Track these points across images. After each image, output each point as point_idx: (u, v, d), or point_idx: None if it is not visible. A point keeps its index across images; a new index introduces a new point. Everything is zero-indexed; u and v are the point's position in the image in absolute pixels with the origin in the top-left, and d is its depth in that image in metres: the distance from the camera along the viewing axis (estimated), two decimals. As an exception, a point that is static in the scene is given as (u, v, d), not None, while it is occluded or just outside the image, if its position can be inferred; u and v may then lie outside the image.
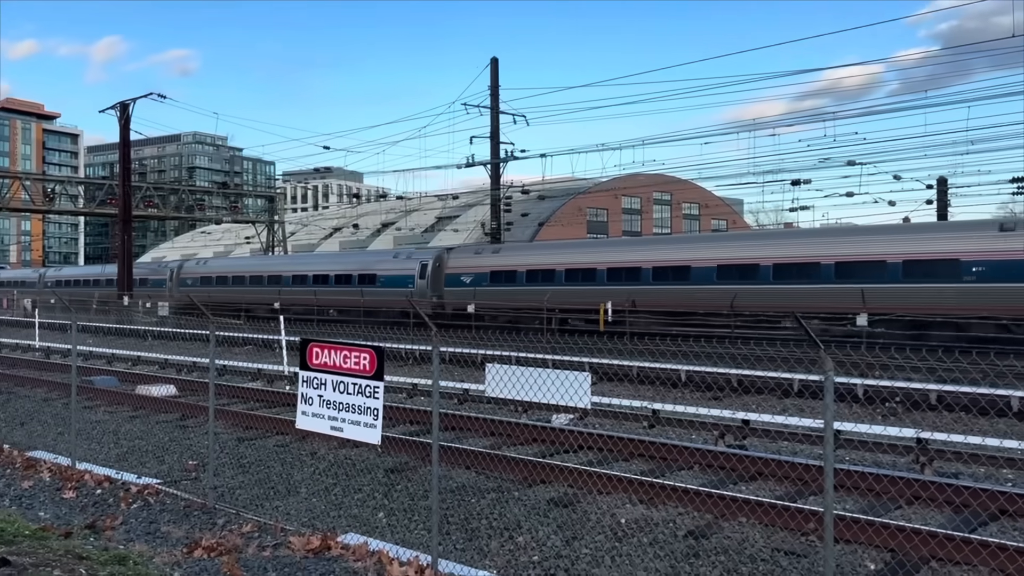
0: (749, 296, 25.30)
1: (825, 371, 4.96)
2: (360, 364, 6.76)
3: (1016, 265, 21.14)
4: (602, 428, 12.48)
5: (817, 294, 24.02)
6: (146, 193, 57.58)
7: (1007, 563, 6.43)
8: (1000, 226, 22.67)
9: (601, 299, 28.88)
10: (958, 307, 21.72)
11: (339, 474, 9.89)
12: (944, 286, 22.16)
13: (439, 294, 34.96)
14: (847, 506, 8.28)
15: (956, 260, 22.26)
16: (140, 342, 31.65)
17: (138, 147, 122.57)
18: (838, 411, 13.63)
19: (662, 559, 6.95)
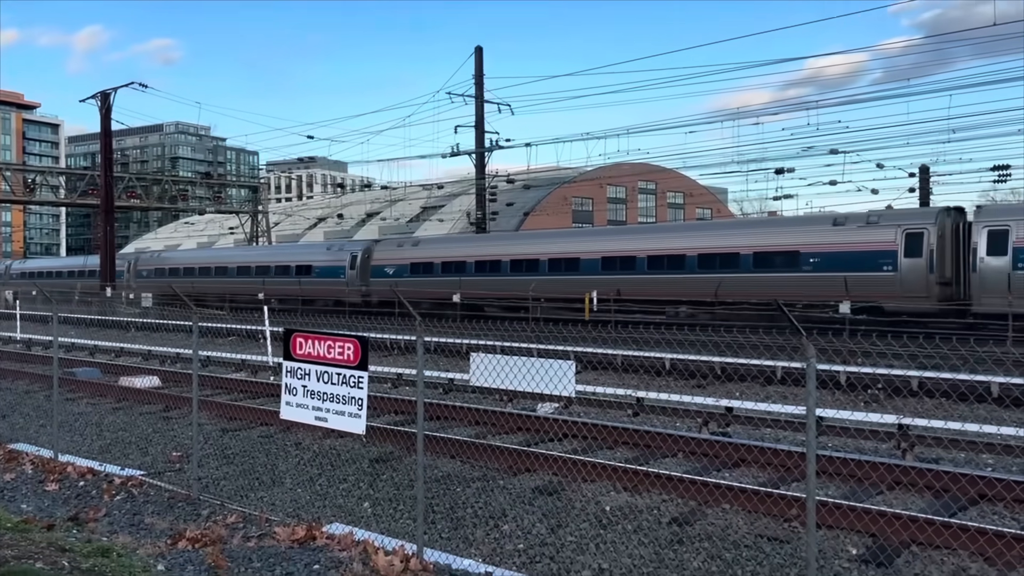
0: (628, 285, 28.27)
1: (807, 358, 4.99)
2: (344, 354, 6.75)
3: (846, 256, 23.72)
4: (587, 416, 12.52)
5: (683, 282, 26.89)
6: (128, 184, 57.13)
7: (986, 547, 6.51)
8: (833, 221, 25.24)
9: (506, 288, 31.49)
10: (799, 294, 23.81)
11: (324, 464, 9.88)
12: (787, 275, 24.62)
13: (367, 284, 37.15)
14: (829, 492, 8.35)
15: (796, 252, 24.94)
16: (123, 333, 31.46)
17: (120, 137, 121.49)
18: (820, 398, 13.73)
19: (646, 545, 6.99)
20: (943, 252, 23.04)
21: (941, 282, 23.01)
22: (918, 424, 10.90)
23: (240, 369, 19.65)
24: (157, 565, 6.03)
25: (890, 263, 23.49)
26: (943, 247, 23.06)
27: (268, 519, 7.53)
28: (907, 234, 23.39)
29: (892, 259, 23.48)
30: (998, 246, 21.88)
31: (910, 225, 23.64)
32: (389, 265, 36.63)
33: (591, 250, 30.41)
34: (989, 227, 22.19)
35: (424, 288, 33.82)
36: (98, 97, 45.65)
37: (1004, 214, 22.95)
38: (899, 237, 23.55)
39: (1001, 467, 9.58)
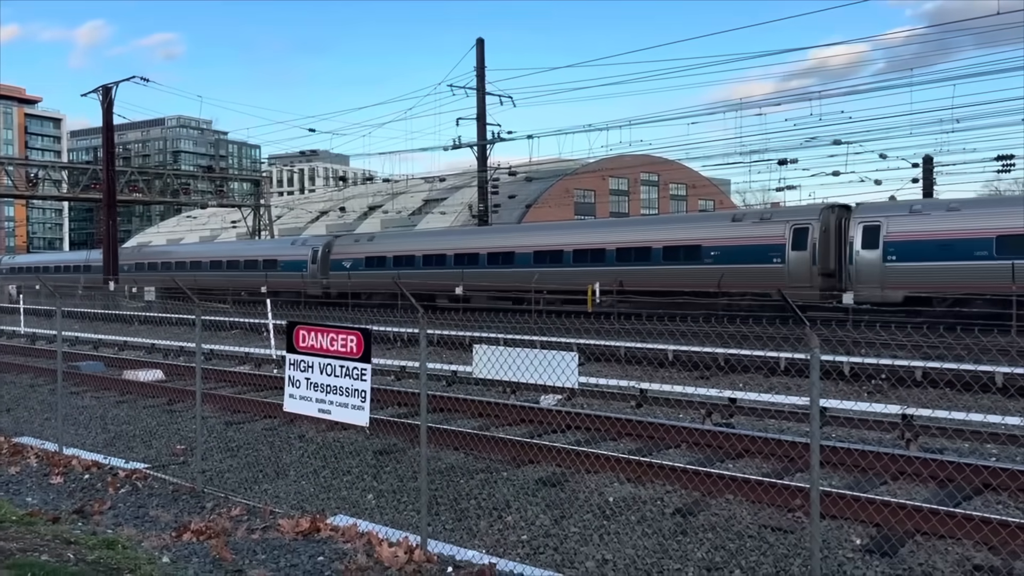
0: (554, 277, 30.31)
1: (811, 348, 4.98)
2: (347, 346, 6.74)
3: (742, 249, 25.81)
4: (590, 408, 12.52)
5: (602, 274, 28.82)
6: (130, 178, 57.16)
7: (990, 536, 6.51)
8: (732, 217, 27.71)
9: (451, 280, 32.92)
10: (701, 284, 25.84)
11: (328, 456, 9.90)
12: (690, 267, 26.77)
13: (326, 277, 39.25)
14: (833, 482, 8.34)
15: (699, 246, 27.04)
16: (126, 327, 31.51)
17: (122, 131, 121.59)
18: (824, 389, 13.72)
19: (650, 536, 6.99)
20: (826, 246, 24.82)
21: (824, 273, 24.69)
22: (922, 414, 10.89)
23: (244, 362, 19.68)
24: (162, 557, 6.04)
25: (779, 256, 25.31)
26: (827, 241, 24.84)
27: (272, 511, 7.54)
28: (794, 229, 25.20)
29: (781, 252, 25.30)
30: (871, 240, 23.61)
31: (797, 221, 25.43)
32: (346, 259, 38.54)
33: (525, 244, 32.65)
34: (864, 223, 23.97)
35: (377, 280, 35.70)
36: (100, 91, 45.62)
37: (877, 211, 24.78)
38: (788, 232, 25.33)
39: (1005, 457, 9.58)
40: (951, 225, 22.85)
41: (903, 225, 23.47)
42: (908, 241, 23.12)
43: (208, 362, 18.97)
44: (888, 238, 23.42)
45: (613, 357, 18.38)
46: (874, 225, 23.80)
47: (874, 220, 23.92)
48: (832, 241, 25.00)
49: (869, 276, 23.46)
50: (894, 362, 14.87)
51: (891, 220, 23.69)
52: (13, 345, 24.82)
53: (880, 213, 24.38)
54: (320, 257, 39.75)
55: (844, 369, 15.29)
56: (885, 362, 14.96)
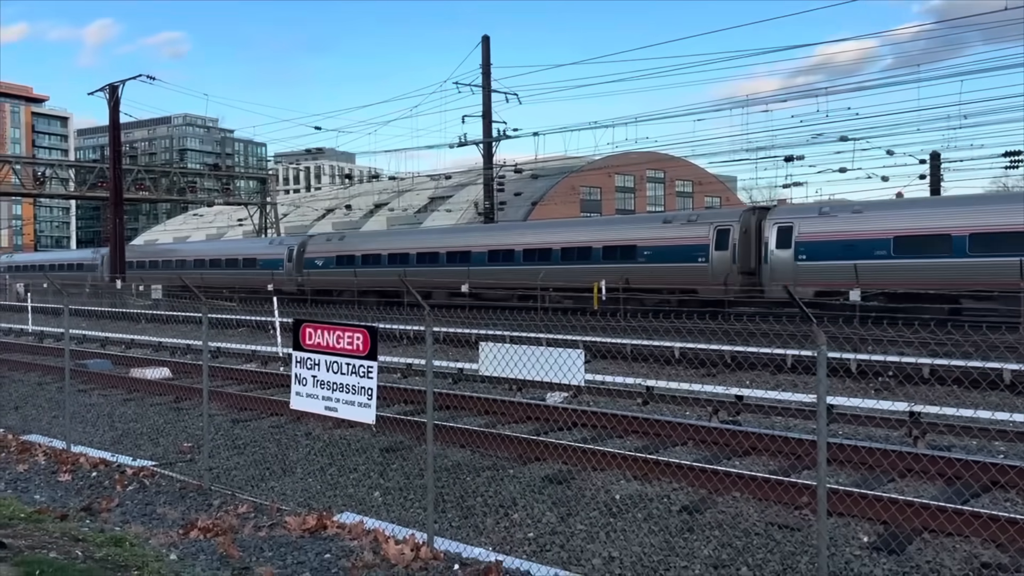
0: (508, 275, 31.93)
1: (818, 345, 4.97)
2: (354, 344, 6.75)
3: (672, 249, 27.73)
4: (596, 406, 12.51)
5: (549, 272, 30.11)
6: (137, 176, 57.26)
7: (999, 533, 6.48)
8: (663, 219, 29.72)
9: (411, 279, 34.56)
10: (637, 281, 27.49)
11: (334, 454, 9.91)
12: (627, 265, 28.46)
13: (301, 275, 40.98)
14: (840, 480, 8.32)
15: (634, 246, 28.70)
16: (133, 325, 31.59)
17: (128, 130, 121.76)
18: (831, 386, 13.68)
19: (656, 534, 6.99)
20: (746, 246, 26.32)
21: (743, 271, 26.19)
22: (929, 411, 10.85)
23: (250, 360, 19.72)
24: (170, 554, 6.06)
25: (703, 255, 26.98)
26: (746, 242, 26.33)
27: (279, 508, 7.56)
28: (717, 231, 26.90)
29: (705, 252, 26.98)
30: (784, 240, 25.09)
31: (720, 223, 27.12)
32: (319, 258, 40.41)
33: (481, 244, 34.36)
34: (778, 224, 25.43)
35: (346, 277, 37.61)
36: (106, 90, 45.76)
37: (790, 213, 26.56)
38: (711, 233, 27.01)
39: (1014, 454, 9.53)
40: (855, 227, 24.20)
41: (813, 226, 24.83)
42: (817, 241, 24.53)
43: (215, 360, 19.02)
44: (799, 238, 24.85)
45: (619, 354, 18.36)
46: (787, 226, 25.26)
47: (787, 222, 25.43)
48: (752, 241, 26.36)
49: (783, 274, 24.51)
50: (901, 359, 14.82)
51: (802, 222, 25.16)
52: (21, 343, 24.92)
53: (792, 215, 26.02)
54: (295, 256, 41.58)
55: (851, 366, 15.24)
56: (892, 359, 14.90)
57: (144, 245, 67.69)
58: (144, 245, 67.69)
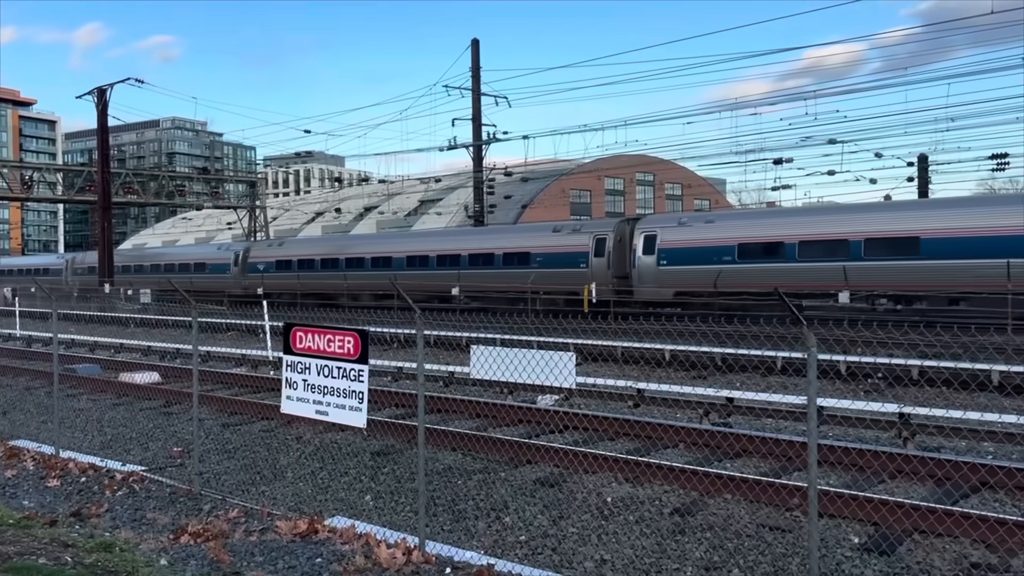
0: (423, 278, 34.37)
1: (808, 347, 4.98)
2: (344, 348, 6.73)
3: (559, 255, 30.27)
4: (588, 408, 12.52)
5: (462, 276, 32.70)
6: (125, 179, 56.91)
7: (988, 534, 6.52)
8: (553, 228, 32.15)
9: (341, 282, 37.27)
10: (532, 286, 29.51)
11: (325, 458, 9.88)
12: (523, 270, 30.96)
13: (245, 278, 43.41)
14: (831, 481, 8.35)
15: (528, 253, 31.34)
16: (122, 329, 31.44)
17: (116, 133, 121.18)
18: (821, 387, 13.74)
19: (648, 536, 6.99)
20: (621, 253, 28.96)
21: (617, 276, 28.81)
22: (919, 413, 10.91)
23: (240, 364, 19.65)
24: (160, 560, 6.03)
25: (584, 261, 29.58)
26: (621, 249, 28.99)
27: (270, 513, 7.53)
28: (596, 239, 29.51)
29: (586, 258, 29.57)
30: (649, 248, 27.79)
31: (598, 232, 29.77)
32: (261, 262, 42.91)
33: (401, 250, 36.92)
34: (644, 233, 28.16)
35: (284, 281, 40.59)
36: (94, 93, 45.53)
37: (655, 223, 29.20)
38: (591, 242, 29.59)
39: (1002, 455, 9.59)
40: (707, 235, 26.91)
41: (673, 235, 27.50)
42: (676, 248, 27.25)
43: (205, 364, 18.94)
44: (662, 246, 27.58)
45: (610, 357, 18.39)
46: (652, 235, 27.96)
47: (652, 231, 28.14)
48: (626, 249, 28.97)
49: (648, 277, 27.68)
50: (891, 361, 14.89)
51: (664, 231, 27.90)
52: (9, 348, 24.76)
53: (656, 225, 28.72)
54: (240, 260, 44.08)
55: (841, 368, 15.30)
56: (882, 361, 14.98)
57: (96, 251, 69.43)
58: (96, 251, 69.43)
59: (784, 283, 23.23)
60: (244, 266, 43.68)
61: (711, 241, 26.62)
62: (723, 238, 26.43)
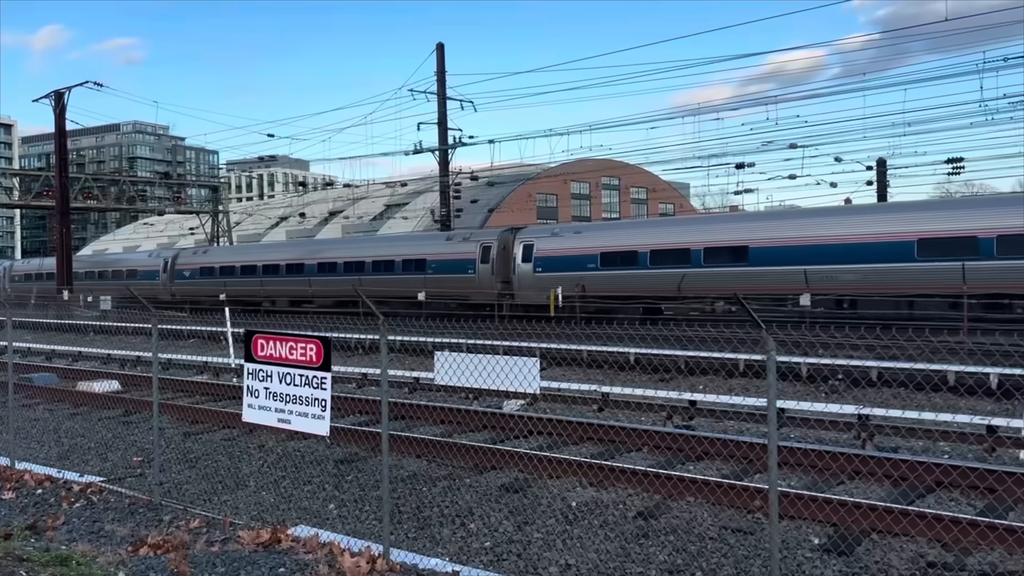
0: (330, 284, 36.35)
1: (767, 351, 5.05)
2: (307, 355, 6.69)
3: (450, 262, 32.71)
4: (553, 413, 12.55)
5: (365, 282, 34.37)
6: (85, 184, 56.04)
7: (943, 533, 6.65)
8: (446, 237, 35.35)
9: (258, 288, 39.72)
10: (426, 289, 32.22)
11: (288, 467, 9.80)
12: (418, 276, 33.31)
13: (173, 285, 45.35)
14: (792, 483, 8.46)
15: (424, 260, 33.89)
16: (81, 337, 30.89)
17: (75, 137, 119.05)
18: (782, 390, 13.92)
19: (612, 540, 7.03)
20: (504, 260, 31.38)
21: (502, 281, 31.25)
22: (877, 414, 11.09)
23: (202, 371, 19.41)
24: (118, 573, 5.94)
25: (472, 268, 31.98)
26: (504, 257, 31.43)
27: (232, 523, 7.45)
28: (482, 247, 31.98)
29: (473, 265, 31.98)
30: (527, 256, 30.58)
31: (484, 241, 32.31)
32: (187, 269, 45.26)
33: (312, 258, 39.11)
34: (523, 242, 30.95)
35: (208, 288, 42.11)
36: (52, 96, 44.75)
37: (533, 233, 32.02)
38: (478, 250, 32.04)
39: (957, 454, 9.80)
40: (574, 244, 29.66)
41: (547, 244, 30.27)
42: (549, 256, 29.96)
43: (165, 372, 18.68)
44: (538, 254, 30.31)
45: (575, 361, 18.47)
46: (529, 244, 30.78)
47: (530, 240, 31.00)
48: (509, 256, 31.40)
49: (526, 283, 30.44)
50: (850, 363, 15.13)
51: (540, 240, 30.76)
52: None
53: (533, 235, 31.56)
54: (169, 267, 46.06)
55: (801, 370, 15.52)
56: (841, 363, 15.22)
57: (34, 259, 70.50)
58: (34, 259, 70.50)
59: (638, 288, 27.42)
60: (173, 273, 45.70)
61: (579, 250, 29.40)
62: (588, 247, 29.28)
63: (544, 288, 29.35)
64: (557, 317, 28.08)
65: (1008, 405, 11.55)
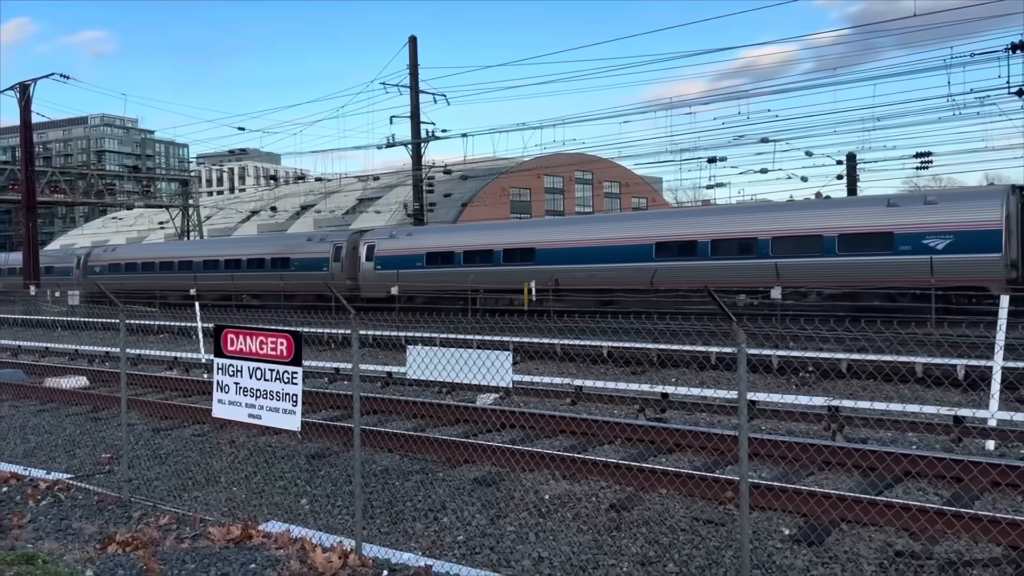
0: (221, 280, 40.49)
1: (738, 343, 5.09)
2: (277, 350, 6.63)
3: (310, 261, 36.84)
4: (527, 406, 12.56)
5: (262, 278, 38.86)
6: (52, 178, 55.22)
7: (910, 522, 6.74)
8: (307, 238, 40.30)
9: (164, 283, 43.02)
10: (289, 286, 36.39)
11: (259, 462, 9.72)
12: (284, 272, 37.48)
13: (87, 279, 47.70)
14: (763, 474, 8.54)
15: (288, 258, 37.92)
16: (49, 332, 30.44)
17: (42, 130, 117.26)
18: (753, 382, 14.04)
19: (585, 533, 7.05)
20: (353, 259, 35.43)
21: (349, 278, 35.16)
22: (847, 405, 11.22)
23: (172, 367, 19.20)
24: (86, 571, 5.85)
25: (326, 266, 36.25)
26: (353, 256, 35.45)
27: (203, 519, 7.38)
28: (335, 247, 36.28)
29: (327, 263, 36.35)
30: (370, 255, 34.66)
31: (336, 241, 36.85)
32: (97, 266, 49.57)
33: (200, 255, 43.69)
34: (367, 243, 35.15)
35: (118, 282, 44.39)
36: (17, 89, 43.95)
37: (375, 235, 36.15)
38: (331, 250, 36.28)
39: (925, 445, 9.94)
40: (407, 245, 33.81)
41: (386, 245, 34.32)
42: (387, 256, 33.96)
43: (134, 367, 18.46)
44: (378, 254, 34.32)
45: (548, 355, 18.49)
46: (371, 245, 34.81)
47: (372, 241, 35.09)
48: (357, 256, 35.34)
49: (369, 279, 34.32)
50: (819, 355, 15.29)
51: (380, 241, 34.82)
52: (-74, 353, 23.74)
53: (375, 237, 35.72)
54: (83, 264, 50.09)
55: (772, 362, 15.66)
56: (811, 355, 15.37)
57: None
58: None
59: (454, 282, 30.30)
60: (85, 269, 49.53)
61: (409, 251, 33.51)
62: (416, 248, 33.42)
63: (383, 283, 32.97)
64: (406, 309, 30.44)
65: (974, 396, 11.73)
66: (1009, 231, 21.39)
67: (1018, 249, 21.76)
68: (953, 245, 21.54)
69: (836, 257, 23.19)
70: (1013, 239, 21.59)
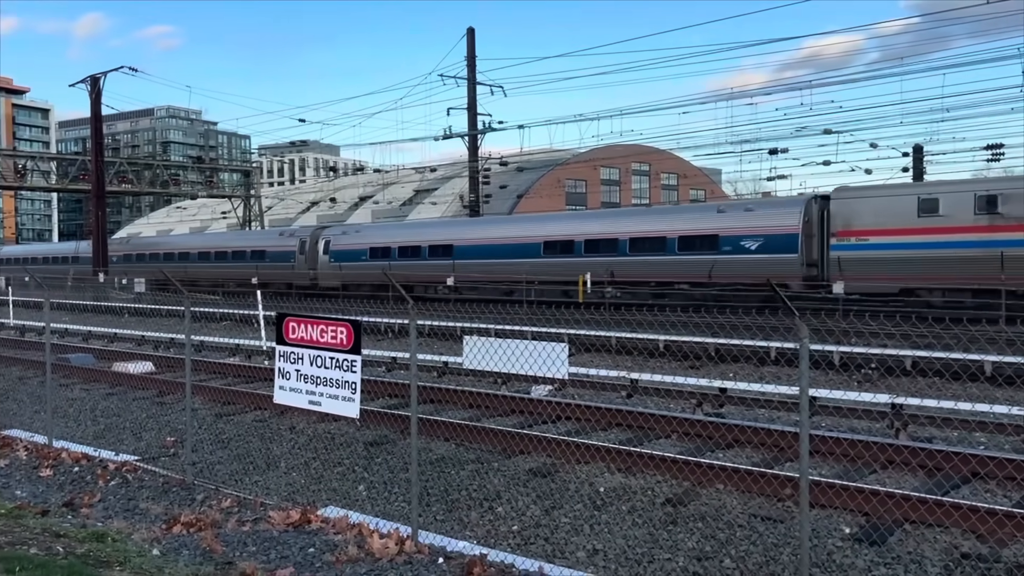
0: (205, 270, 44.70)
1: (800, 338, 4.99)
2: (337, 338, 6.73)
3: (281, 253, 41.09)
4: (581, 399, 12.53)
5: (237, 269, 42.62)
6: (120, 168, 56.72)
7: (978, 524, 6.55)
8: (279, 232, 44.97)
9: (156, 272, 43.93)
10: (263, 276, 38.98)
11: (318, 448, 9.88)
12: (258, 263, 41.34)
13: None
14: (823, 471, 8.37)
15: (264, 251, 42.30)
16: (116, 319, 31.37)
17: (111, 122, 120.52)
18: (814, 378, 13.76)
19: (640, 527, 7.01)
20: (314, 251, 39.20)
21: (310, 268, 39.13)
22: (911, 403, 10.93)
23: (234, 354, 19.62)
24: (152, 550, 6.03)
25: (293, 258, 40.19)
26: (315, 248, 39.27)
27: (263, 503, 7.54)
28: (300, 241, 40.37)
29: (293, 256, 40.19)
30: (327, 249, 38.49)
31: (302, 236, 40.78)
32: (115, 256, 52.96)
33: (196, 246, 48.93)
34: (324, 238, 39.08)
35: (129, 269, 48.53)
36: (88, 81, 45.29)
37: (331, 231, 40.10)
38: (297, 243, 40.39)
39: (994, 445, 9.64)
40: (357, 241, 37.50)
41: (340, 240, 38.27)
42: (340, 250, 37.78)
43: (198, 353, 18.91)
44: (333, 248, 38.14)
45: (604, 348, 18.40)
46: (328, 240, 38.78)
47: (328, 237, 39.09)
48: (317, 250, 38.97)
49: (325, 271, 38.12)
50: (883, 351, 14.93)
51: (335, 237, 38.76)
52: (2, 337, 24.68)
53: (332, 232, 39.75)
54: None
55: (834, 359, 15.34)
56: (874, 351, 15.01)
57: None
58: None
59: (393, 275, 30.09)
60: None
61: (358, 245, 36.95)
62: (363, 243, 36.81)
63: (337, 275, 37.04)
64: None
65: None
66: (807, 235, 24.37)
67: (818, 250, 24.44)
68: (763, 246, 24.97)
69: (676, 255, 27.09)
70: (813, 242, 24.47)
